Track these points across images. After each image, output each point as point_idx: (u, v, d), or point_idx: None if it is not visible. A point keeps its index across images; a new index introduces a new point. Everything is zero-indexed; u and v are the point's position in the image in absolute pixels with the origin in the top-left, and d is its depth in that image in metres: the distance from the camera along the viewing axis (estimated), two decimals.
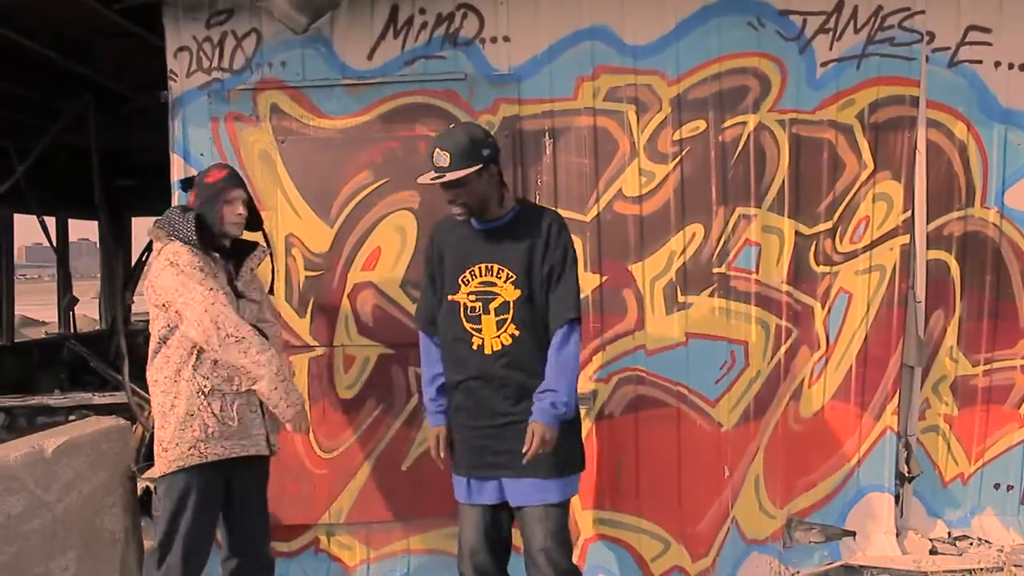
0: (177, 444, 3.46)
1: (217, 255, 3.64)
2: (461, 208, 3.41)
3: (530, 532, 3.41)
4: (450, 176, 3.33)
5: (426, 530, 4.39)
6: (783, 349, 4.37)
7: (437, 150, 3.36)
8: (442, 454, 3.53)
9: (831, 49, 4.33)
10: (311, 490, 4.34)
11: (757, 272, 4.33)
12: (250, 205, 3.74)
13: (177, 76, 4.42)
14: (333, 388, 4.36)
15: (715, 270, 4.33)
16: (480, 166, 3.35)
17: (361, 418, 4.36)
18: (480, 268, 3.46)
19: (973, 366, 4.47)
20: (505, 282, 3.41)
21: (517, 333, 3.39)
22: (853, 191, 4.35)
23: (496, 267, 3.43)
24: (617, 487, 4.34)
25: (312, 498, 4.34)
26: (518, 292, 3.39)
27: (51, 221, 10.23)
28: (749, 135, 4.31)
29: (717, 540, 4.34)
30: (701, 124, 4.31)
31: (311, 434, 4.31)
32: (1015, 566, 4.20)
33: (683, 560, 4.34)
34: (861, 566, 4.29)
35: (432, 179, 3.36)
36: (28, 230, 18.12)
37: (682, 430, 4.34)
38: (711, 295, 4.33)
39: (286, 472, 4.30)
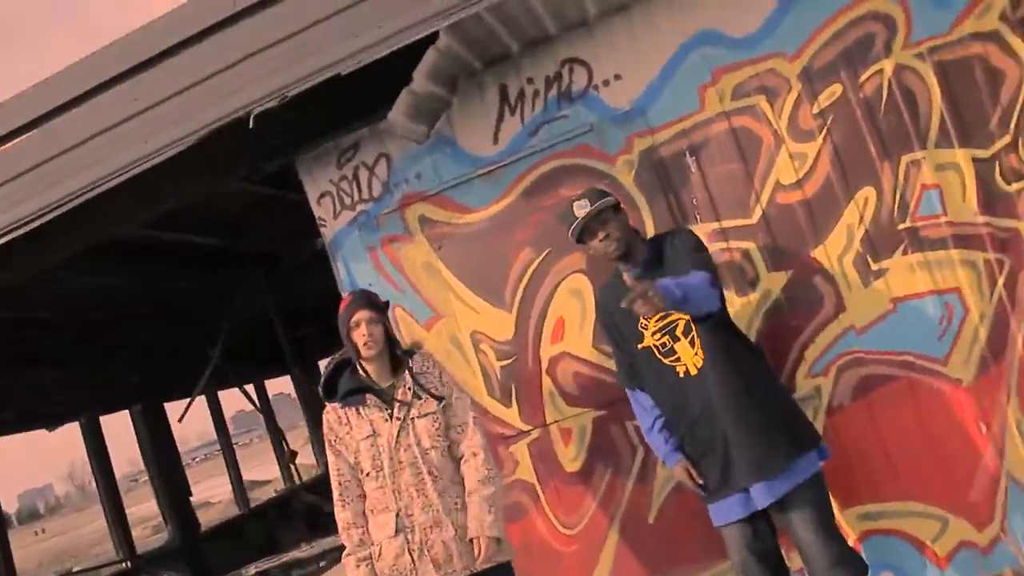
0: None
1: (367, 395, 3.58)
2: (616, 243, 3.67)
3: (792, 526, 3.56)
4: (598, 205, 3.65)
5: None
6: (1000, 283, 4.06)
7: (575, 203, 3.70)
8: (698, 481, 3.70)
9: None
10: (564, 571, 4.31)
11: (946, 214, 4.08)
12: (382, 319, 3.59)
13: (326, 220, 4.63)
14: (559, 465, 4.35)
15: (900, 227, 4.10)
16: (616, 202, 3.73)
17: (594, 485, 4.33)
18: None
19: None
20: None
21: (707, 340, 3.63)
22: (1023, 95, 4.03)
23: None
24: (871, 477, 4.12)
25: None
26: None
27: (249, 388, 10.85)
28: (890, 81, 4.10)
29: (998, 503, 4.02)
30: (837, 88, 4.14)
31: (551, 515, 4.32)
32: None
33: (968, 533, 4.04)
34: None
35: (584, 215, 3.63)
36: (227, 401, 19.26)
37: (919, 398, 4.08)
38: (905, 253, 4.10)
39: (535, 561, 4.30)
